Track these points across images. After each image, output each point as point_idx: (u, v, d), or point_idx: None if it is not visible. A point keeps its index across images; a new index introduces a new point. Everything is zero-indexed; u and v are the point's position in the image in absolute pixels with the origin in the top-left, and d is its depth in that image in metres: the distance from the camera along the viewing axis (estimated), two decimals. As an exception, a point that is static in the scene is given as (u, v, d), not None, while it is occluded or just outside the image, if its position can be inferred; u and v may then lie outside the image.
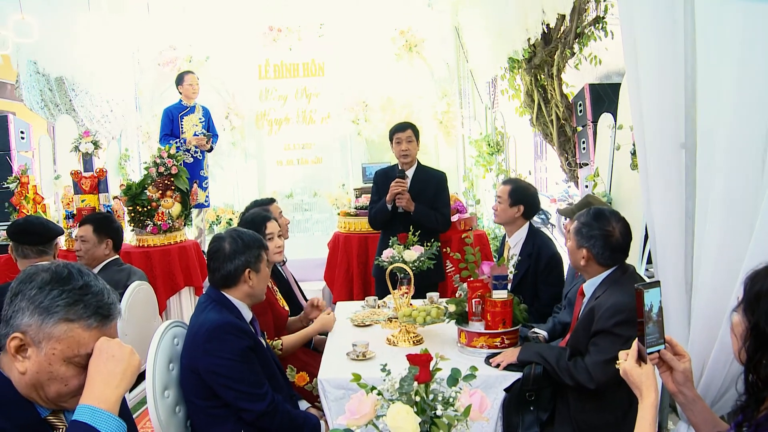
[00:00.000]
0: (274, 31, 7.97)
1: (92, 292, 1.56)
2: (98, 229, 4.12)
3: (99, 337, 1.55)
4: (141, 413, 4.19)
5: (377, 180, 4.85)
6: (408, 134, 4.60)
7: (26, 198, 5.68)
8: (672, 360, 1.89)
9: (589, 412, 2.69)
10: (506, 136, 7.35)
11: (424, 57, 7.99)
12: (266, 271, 2.86)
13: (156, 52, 7.99)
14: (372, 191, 4.92)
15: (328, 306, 4.90)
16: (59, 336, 1.50)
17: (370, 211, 4.87)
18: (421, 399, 1.59)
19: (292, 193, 8.07)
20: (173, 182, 5.69)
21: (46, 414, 1.58)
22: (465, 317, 3.13)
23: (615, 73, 7.39)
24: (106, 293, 1.59)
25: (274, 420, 2.63)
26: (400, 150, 4.61)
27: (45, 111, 7.51)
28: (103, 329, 1.56)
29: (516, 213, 3.96)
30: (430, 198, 4.63)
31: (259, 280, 2.81)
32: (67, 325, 1.51)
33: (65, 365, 1.51)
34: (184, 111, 6.93)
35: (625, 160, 4.71)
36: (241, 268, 2.75)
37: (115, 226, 4.26)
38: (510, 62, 6.97)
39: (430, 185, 4.65)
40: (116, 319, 1.61)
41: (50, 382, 1.52)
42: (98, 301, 1.56)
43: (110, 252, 4.17)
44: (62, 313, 1.51)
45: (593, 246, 2.79)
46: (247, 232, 2.86)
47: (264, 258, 2.84)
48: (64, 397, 1.55)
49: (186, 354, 2.69)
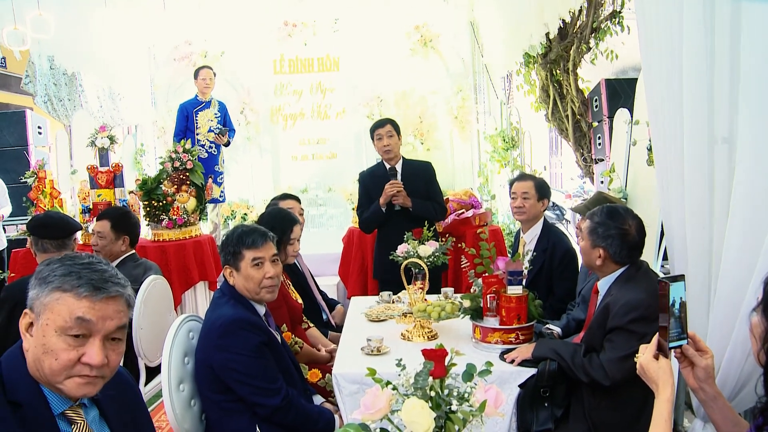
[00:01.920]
0: (289, 26, 7.97)
1: (93, 269, 1.57)
2: (116, 226, 4.15)
3: (89, 307, 1.53)
4: (156, 406, 4.22)
5: (364, 181, 4.81)
6: (388, 129, 4.58)
7: (43, 192, 5.72)
8: (694, 356, 1.87)
9: (604, 410, 2.68)
10: (521, 131, 7.32)
11: (440, 52, 7.97)
12: (251, 272, 2.76)
13: (171, 47, 8.02)
14: (360, 193, 4.86)
15: (343, 300, 4.93)
16: (52, 306, 1.52)
17: (360, 215, 4.82)
18: (436, 394, 1.59)
19: (307, 188, 8.07)
20: (188, 177, 5.71)
21: (63, 408, 1.58)
22: (480, 313, 3.12)
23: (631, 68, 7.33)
24: (110, 275, 1.59)
25: (288, 415, 2.64)
26: (381, 146, 4.59)
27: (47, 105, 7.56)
28: (94, 301, 1.53)
29: (542, 207, 3.94)
30: (422, 189, 4.61)
31: (243, 279, 2.77)
32: (60, 294, 1.52)
33: (56, 336, 1.51)
34: (199, 106, 6.95)
35: (642, 155, 4.66)
36: (223, 264, 2.81)
37: (132, 222, 4.28)
38: (525, 57, 6.94)
39: (419, 177, 4.64)
40: (113, 296, 1.57)
41: (44, 357, 1.51)
42: (95, 275, 1.56)
43: (127, 248, 4.21)
44: (57, 282, 1.53)
45: (610, 245, 2.76)
46: (237, 229, 2.85)
47: (244, 256, 2.76)
48: (57, 374, 1.52)
49: (200, 349, 2.71)
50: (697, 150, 2.27)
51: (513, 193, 4.04)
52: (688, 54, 2.23)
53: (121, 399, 1.77)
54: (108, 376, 1.59)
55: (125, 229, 4.18)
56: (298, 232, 3.60)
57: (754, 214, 2.10)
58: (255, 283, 2.76)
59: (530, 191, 3.93)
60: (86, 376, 1.53)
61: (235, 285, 2.78)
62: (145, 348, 3.73)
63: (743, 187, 2.11)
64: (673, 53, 2.29)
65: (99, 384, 1.57)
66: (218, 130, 6.83)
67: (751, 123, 2.08)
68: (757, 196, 2.09)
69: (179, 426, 2.58)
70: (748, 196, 2.11)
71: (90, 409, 1.67)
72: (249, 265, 2.76)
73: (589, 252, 2.84)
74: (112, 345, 1.58)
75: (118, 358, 1.61)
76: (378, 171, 4.64)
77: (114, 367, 1.60)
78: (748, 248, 2.11)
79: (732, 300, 2.18)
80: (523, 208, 3.95)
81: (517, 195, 3.98)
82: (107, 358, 1.56)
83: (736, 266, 2.15)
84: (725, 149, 2.20)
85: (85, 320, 1.52)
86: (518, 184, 4.04)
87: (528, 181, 3.99)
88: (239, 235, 2.80)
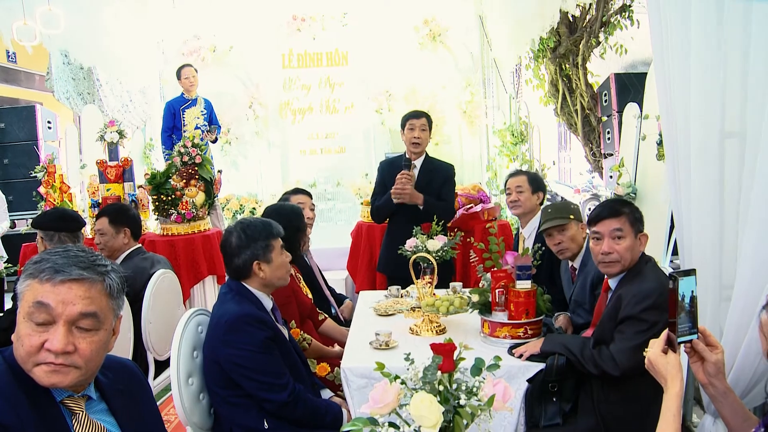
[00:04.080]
0: (298, 21, 7.96)
1: (66, 255, 1.55)
2: (114, 220, 4.14)
3: (49, 291, 1.50)
4: (165, 400, 4.23)
5: (383, 169, 4.78)
6: (422, 122, 4.52)
7: (53, 187, 5.74)
8: (704, 351, 1.86)
9: (613, 403, 2.68)
10: (530, 126, 7.30)
11: (448, 46, 7.95)
12: (280, 259, 2.82)
13: (180, 41, 8.03)
14: (376, 181, 4.83)
15: (351, 295, 4.93)
16: (23, 293, 1.52)
17: (372, 203, 4.81)
18: (444, 388, 1.59)
19: (316, 183, 8.08)
20: (197, 171, 5.73)
21: (62, 397, 1.57)
22: (488, 307, 3.12)
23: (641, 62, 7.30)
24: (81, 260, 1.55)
25: (296, 409, 2.65)
26: (411, 137, 4.52)
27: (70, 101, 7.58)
28: (54, 284, 1.50)
29: (537, 200, 3.98)
30: (437, 189, 4.56)
31: (273, 269, 2.79)
32: (30, 281, 1.52)
33: (24, 322, 1.50)
34: (185, 104, 7.03)
35: (651, 150, 4.65)
36: (249, 261, 2.75)
37: (130, 214, 4.28)
38: (534, 51, 6.92)
39: (437, 177, 4.57)
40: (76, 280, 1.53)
41: (17, 344, 1.51)
42: (62, 259, 1.53)
43: (129, 241, 4.20)
44: (30, 270, 1.53)
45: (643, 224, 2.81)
46: (253, 223, 2.83)
47: (274, 247, 2.80)
48: (25, 361, 1.50)
49: (207, 345, 2.72)
50: (708, 144, 2.27)
51: (508, 188, 4.15)
52: (699, 48, 2.22)
53: (129, 392, 1.77)
54: (84, 367, 1.54)
55: (124, 222, 4.16)
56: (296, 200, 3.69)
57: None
58: (286, 269, 2.86)
59: (524, 185, 4.00)
60: (51, 364, 1.49)
61: (264, 278, 2.78)
62: (154, 342, 3.75)
63: (759, 182, 2.10)
64: (683, 47, 2.28)
65: (71, 374, 1.52)
66: (205, 127, 6.86)
67: (764, 117, 2.06)
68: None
69: (188, 420, 2.60)
70: (765, 191, 2.09)
71: (97, 402, 1.67)
72: (279, 253, 2.81)
73: (634, 245, 2.77)
74: (82, 333, 1.54)
75: (91, 348, 1.55)
76: (397, 161, 4.59)
77: (89, 357, 1.54)
78: (765, 246, 2.10)
79: (749, 296, 2.17)
80: (518, 201, 4.04)
81: (511, 190, 4.09)
82: (75, 346, 1.51)
83: (753, 263, 2.14)
84: (735, 143, 2.19)
85: (43, 304, 1.49)
86: (512, 180, 4.15)
87: (521, 176, 4.10)
88: (264, 228, 2.81)
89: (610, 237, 2.77)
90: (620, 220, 2.77)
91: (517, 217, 4.22)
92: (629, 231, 2.76)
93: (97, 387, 1.68)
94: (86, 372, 1.56)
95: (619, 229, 2.76)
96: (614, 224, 2.77)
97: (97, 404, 1.67)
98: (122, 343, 3.46)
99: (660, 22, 2.39)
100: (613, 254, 2.76)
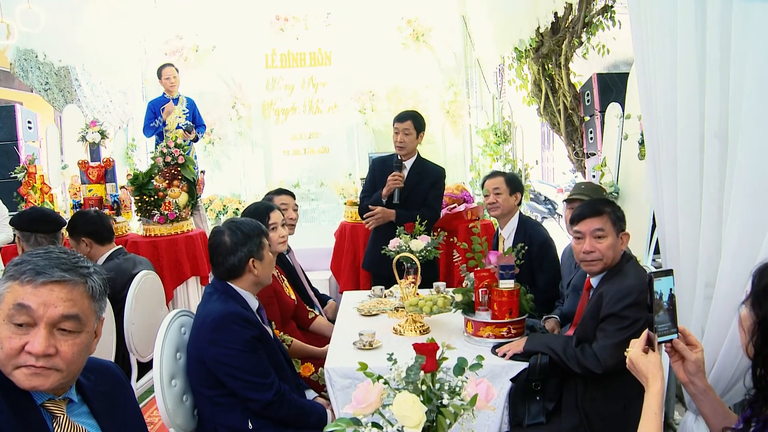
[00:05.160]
0: (281, 20, 7.95)
1: (48, 256, 1.54)
2: (71, 234, 4.00)
3: (30, 293, 1.48)
4: (148, 402, 4.21)
5: (374, 168, 4.78)
6: (406, 125, 4.48)
7: (33, 188, 5.69)
8: (684, 350, 1.89)
9: (597, 402, 2.69)
10: (513, 125, 7.32)
11: (432, 46, 7.97)
12: (270, 257, 2.87)
13: (162, 41, 7.99)
14: (367, 178, 4.84)
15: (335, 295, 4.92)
16: (4, 295, 1.49)
17: (361, 200, 4.79)
18: (427, 388, 1.59)
19: (299, 183, 8.07)
20: (180, 172, 5.70)
21: (43, 400, 1.55)
22: (471, 307, 3.13)
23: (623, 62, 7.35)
24: (63, 261, 1.54)
25: (280, 409, 2.65)
26: (395, 140, 4.52)
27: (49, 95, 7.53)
28: (36, 286, 1.48)
29: (515, 201, 3.98)
30: (424, 192, 4.54)
31: (264, 267, 2.83)
32: (10, 282, 1.50)
33: (4, 325, 1.48)
34: (166, 103, 6.97)
35: (633, 149, 4.69)
36: (245, 258, 2.75)
37: (85, 220, 4.05)
38: (517, 52, 6.94)
39: (426, 179, 4.56)
40: (58, 282, 1.51)
41: None
42: (43, 261, 1.52)
43: (93, 247, 4.01)
44: (10, 271, 1.51)
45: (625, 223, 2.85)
46: (245, 222, 2.85)
47: (266, 244, 2.85)
48: (5, 364, 1.48)
49: (192, 344, 2.70)
50: (689, 143, 2.28)
51: (485, 190, 4.10)
52: (680, 48, 2.23)
53: (112, 395, 1.75)
54: (65, 370, 1.52)
55: (79, 233, 3.98)
56: (277, 217, 3.58)
57: (753, 210, 2.11)
58: (273, 267, 2.97)
59: (501, 186, 3.99)
60: (32, 366, 1.47)
61: (258, 275, 2.80)
62: (137, 343, 3.72)
63: (740, 182, 2.11)
64: (664, 47, 2.30)
65: (52, 377, 1.50)
66: (185, 126, 6.82)
67: (746, 117, 2.08)
68: (755, 191, 2.09)
69: (171, 421, 2.58)
70: (746, 191, 2.11)
71: (79, 405, 1.65)
72: (268, 251, 2.86)
73: (615, 244, 2.80)
74: (63, 336, 1.52)
75: (72, 351, 1.53)
76: (389, 161, 4.58)
77: (70, 360, 1.52)
78: (747, 244, 2.12)
79: (731, 294, 2.18)
80: (496, 203, 4.02)
81: (489, 192, 4.06)
82: (56, 349, 1.50)
83: (735, 261, 2.16)
84: (716, 143, 2.20)
85: (24, 306, 1.47)
86: (489, 181, 4.10)
87: (498, 177, 4.07)
88: (257, 226, 2.85)
89: (592, 236, 2.79)
90: (602, 219, 2.79)
91: (496, 219, 4.20)
92: (611, 230, 2.78)
93: (79, 389, 1.66)
94: (67, 375, 1.54)
95: (600, 228, 2.78)
96: (596, 224, 2.79)
97: (79, 407, 1.65)
98: (104, 345, 3.44)
99: (640, 23, 2.41)
100: (594, 253, 2.78)
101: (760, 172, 2.08)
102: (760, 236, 2.08)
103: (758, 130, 2.06)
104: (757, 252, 2.08)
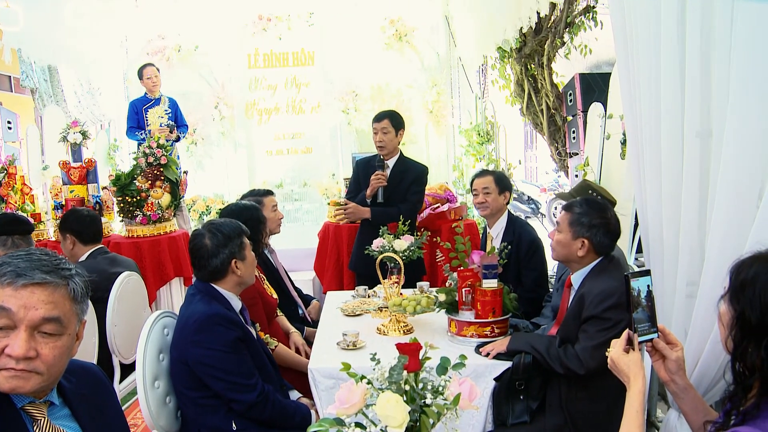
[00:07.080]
0: (264, 20, 7.92)
1: (29, 258, 1.52)
2: (60, 228, 4.11)
3: (10, 295, 1.45)
4: (131, 404, 4.19)
5: (358, 169, 4.78)
6: (383, 125, 4.49)
7: (14, 189, 5.63)
8: (665, 349, 1.91)
9: (580, 401, 2.71)
10: (496, 125, 7.35)
11: (414, 46, 7.96)
12: (252, 256, 2.87)
13: (144, 41, 7.93)
14: (351, 180, 4.85)
15: (318, 296, 4.90)
16: None
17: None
18: (410, 388, 1.59)
19: (282, 183, 8.04)
20: (162, 172, 5.66)
21: (23, 403, 1.53)
22: (455, 306, 3.14)
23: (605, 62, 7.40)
24: (44, 263, 1.52)
25: (264, 410, 2.64)
26: (375, 140, 4.54)
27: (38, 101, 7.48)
28: (16, 288, 1.46)
29: (504, 200, 3.98)
30: (406, 190, 4.56)
31: (247, 267, 2.82)
32: None
33: None
34: (148, 104, 6.94)
35: (615, 149, 4.72)
36: (227, 260, 2.75)
37: (76, 218, 4.12)
38: (500, 52, 6.97)
39: (407, 177, 4.57)
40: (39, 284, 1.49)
41: None
42: (24, 263, 1.49)
43: (76, 245, 4.05)
44: None
45: (595, 235, 2.80)
46: (224, 223, 2.84)
47: (247, 244, 2.85)
48: None
49: (175, 346, 2.69)
50: (671, 143, 2.29)
51: (474, 189, 4.09)
52: (662, 48, 2.25)
53: (94, 397, 1.74)
54: (46, 373, 1.50)
55: (65, 229, 4.05)
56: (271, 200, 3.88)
57: (736, 208, 2.12)
58: (255, 266, 2.97)
59: (490, 185, 3.98)
60: (12, 369, 1.45)
61: (241, 275, 2.81)
62: (120, 345, 3.69)
63: (723, 180, 2.13)
64: (646, 47, 2.31)
65: (33, 379, 1.49)
66: (167, 124, 6.79)
67: (729, 116, 2.09)
68: (738, 189, 2.11)
69: (155, 423, 2.57)
70: (729, 189, 2.12)
71: (60, 408, 1.63)
72: (249, 250, 2.87)
73: (569, 244, 2.85)
74: (44, 338, 1.49)
75: (53, 353, 1.51)
76: (373, 161, 4.59)
77: (51, 363, 1.50)
78: (730, 242, 2.13)
79: (714, 292, 2.19)
80: (485, 203, 4.00)
81: (478, 191, 4.03)
82: (37, 352, 1.48)
83: (718, 260, 2.17)
84: (699, 142, 2.22)
85: (4, 309, 1.45)
86: (478, 180, 4.08)
87: (487, 176, 4.05)
88: (237, 226, 2.85)
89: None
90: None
91: (485, 218, 4.21)
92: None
93: (60, 392, 1.64)
94: (48, 378, 1.52)
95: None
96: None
97: (60, 410, 1.63)
98: (86, 347, 3.41)
99: (623, 23, 2.42)
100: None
101: (743, 171, 2.10)
102: (744, 234, 2.10)
103: (741, 129, 2.07)
104: (740, 250, 2.09)
